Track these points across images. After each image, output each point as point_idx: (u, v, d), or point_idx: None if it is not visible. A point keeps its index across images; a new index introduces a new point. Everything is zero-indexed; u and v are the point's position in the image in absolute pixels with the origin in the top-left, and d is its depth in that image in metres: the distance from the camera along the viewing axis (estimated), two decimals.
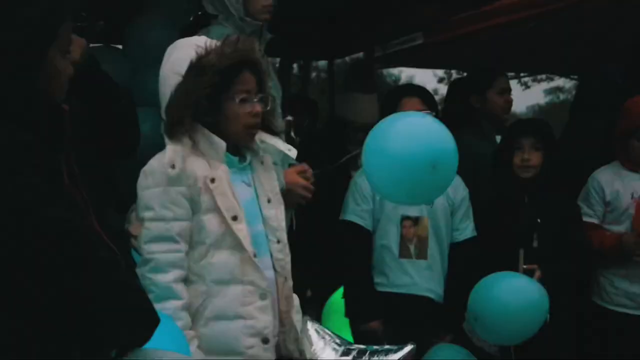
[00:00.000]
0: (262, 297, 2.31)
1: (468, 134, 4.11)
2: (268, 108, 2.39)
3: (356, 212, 3.38)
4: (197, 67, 2.29)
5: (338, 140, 4.30)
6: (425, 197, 2.83)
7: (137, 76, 3.67)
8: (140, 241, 2.31)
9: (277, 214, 2.43)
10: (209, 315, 2.27)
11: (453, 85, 5.16)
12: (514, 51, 5.86)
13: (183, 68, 2.33)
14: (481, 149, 3.79)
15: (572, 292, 3.45)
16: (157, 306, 1.94)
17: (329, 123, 4.53)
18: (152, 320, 1.60)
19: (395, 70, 20.04)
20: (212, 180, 2.29)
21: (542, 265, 3.26)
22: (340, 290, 3.51)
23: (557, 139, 3.64)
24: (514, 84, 14.82)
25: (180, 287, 2.26)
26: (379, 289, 3.37)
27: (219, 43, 2.34)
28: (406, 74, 22.63)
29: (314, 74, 13.21)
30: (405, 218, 3.34)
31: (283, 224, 2.45)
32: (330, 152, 4.15)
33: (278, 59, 6.93)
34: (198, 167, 2.31)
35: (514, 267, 3.25)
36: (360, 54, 6.26)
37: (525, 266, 3.37)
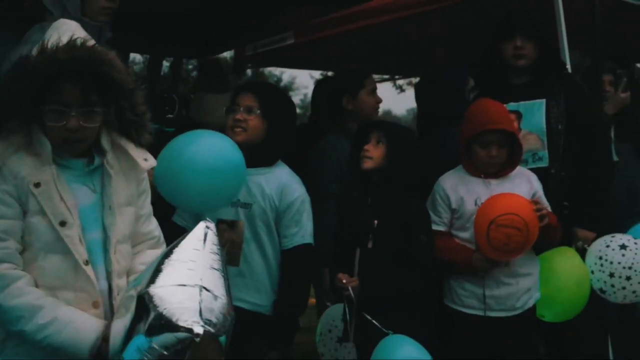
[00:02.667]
0: (95, 305, 2.22)
1: (334, 134, 4.11)
2: (96, 124, 2.25)
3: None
4: (20, 68, 2.16)
5: None
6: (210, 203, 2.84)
7: None
8: None
9: (118, 222, 2.31)
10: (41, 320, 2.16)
11: (319, 86, 5.17)
12: (385, 53, 5.94)
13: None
14: (346, 150, 3.77)
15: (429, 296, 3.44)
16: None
17: (181, 124, 4.41)
18: None
19: (277, 71, 20.02)
20: (37, 185, 2.18)
21: (379, 268, 3.24)
22: None
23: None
24: (388, 86, 15.13)
25: (15, 272, 2.16)
26: None
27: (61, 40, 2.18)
28: (288, 74, 22.57)
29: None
30: (220, 221, 3.18)
31: (127, 232, 2.35)
32: None
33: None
34: (24, 166, 2.19)
35: (352, 267, 3.24)
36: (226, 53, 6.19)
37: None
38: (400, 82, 14.56)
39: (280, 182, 3.21)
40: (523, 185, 3.49)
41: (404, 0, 4.85)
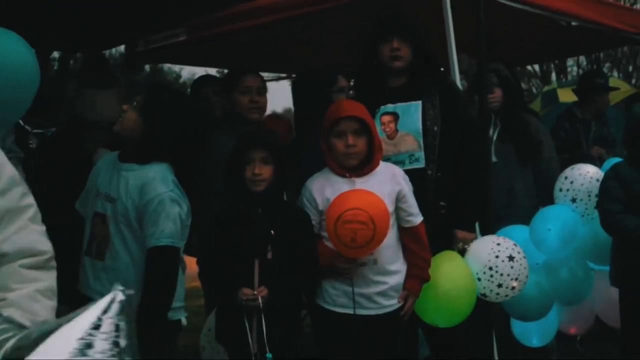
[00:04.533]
0: None
1: (220, 132, 4.06)
2: None
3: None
4: None
5: (74, 140, 4.09)
6: None
7: None
8: None
9: None
10: None
11: (194, 85, 5.16)
12: (280, 51, 5.94)
13: None
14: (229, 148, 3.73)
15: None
16: None
17: (66, 122, 4.29)
18: None
19: (177, 68, 19.78)
20: None
21: (281, 277, 3.25)
22: None
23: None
24: (286, 84, 15.13)
25: None
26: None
27: None
28: (188, 71, 22.33)
29: None
30: (95, 214, 3.19)
31: None
32: (66, 153, 3.94)
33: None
34: None
35: (250, 278, 3.22)
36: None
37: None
38: None
39: (144, 180, 3.13)
40: (388, 183, 3.49)
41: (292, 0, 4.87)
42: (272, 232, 3.25)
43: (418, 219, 3.55)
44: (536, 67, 17.15)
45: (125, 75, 6.09)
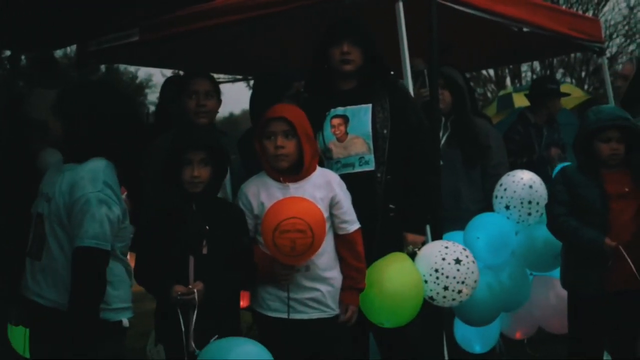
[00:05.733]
0: None
1: (163, 136, 3.99)
2: None
3: None
4: None
5: (21, 139, 4.02)
6: None
7: None
8: None
9: None
10: None
11: (163, 87, 5.10)
12: (235, 53, 5.91)
13: None
14: None
15: None
16: None
17: (12, 121, 4.22)
18: None
19: (132, 68, 19.62)
20: None
21: (215, 272, 3.27)
22: None
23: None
24: (242, 86, 15.06)
25: None
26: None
27: None
28: (144, 71, 22.13)
29: None
30: (37, 215, 3.17)
31: None
32: (11, 153, 3.88)
33: None
34: None
35: (185, 275, 3.24)
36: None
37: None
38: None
39: (75, 179, 3.08)
40: (321, 189, 3.52)
41: (251, 1, 4.84)
42: (207, 227, 3.26)
43: (353, 226, 3.57)
44: (491, 72, 17.35)
45: (78, 75, 5.99)
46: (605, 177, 4.08)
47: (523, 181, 4.49)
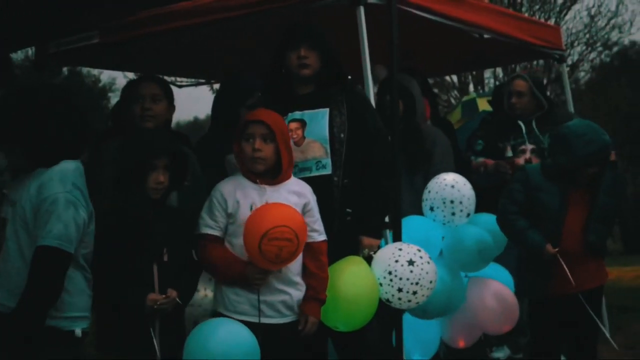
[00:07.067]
0: None
1: (109, 140, 3.97)
2: None
3: None
4: None
5: None
6: None
7: None
8: None
9: None
10: None
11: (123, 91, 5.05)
12: (195, 56, 5.87)
13: None
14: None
15: None
16: None
17: None
18: None
19: (95, 71, 19.40)
20: None
21: (176, 278, 3.32)
22: None
23: None
24: (205, 90, 15.01)
25: None
26: None
27: None
28: (108, 74, 21.89)
29: None
30: (2, 219, 3.14)
31: None
32: None
33: None
34: None
35: (150, 283, 3.25)
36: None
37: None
38: (217, 86, 14.52)
39: (42, 180, 3.05)
40: (296, 195, 3.55)
41: (213, 4, 4.81)
42: (169, 234, 3.31)
43: (321, 237, 3.61)
44: (454, 78, 17.46)
45: (37, 77, 5.90)
46: (570, 188, 4.13)
47: (446, 182, 4.49)
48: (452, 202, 4.44)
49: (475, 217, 4.58)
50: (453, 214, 4.46)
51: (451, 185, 4.47)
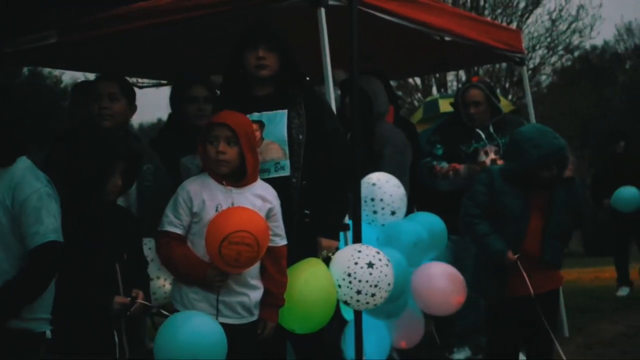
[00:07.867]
0: None
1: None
2: None
3: None
4: None
5: None
6: None
7: None
8: None
9: None
10: None
11: (72, 91, 5.03)
12: (155, 57, 5.81)
13: None
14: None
15: None
16: None
17: None
18: None
19: (57, 72, 19.15)
20: None
21: (135, 280, 3.37)
22: None
23: None
24: (167, 91, 14.87)
25: None
26: None
27: None
28: (70, 75, 21.62)
29: None
30: None
31: None
32: None
33: None
34: None
35: (115, 280, 3.28)
36: None
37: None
38: None
39: (13, 180, 3.00)
40: (260, 199, 3.54)
41: (173, 4, 4.76)
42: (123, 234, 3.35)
43: (283, 241, 3.61)
44: (418, 80, 17.57)
45: None
46: (531, 192, 4.15)
47: (368, 180, 4.48)
48: (372, 200, 4.44)
49: (414, 215, 4.65)
50: (375, 212, 4.46)
51: (372, 184, 4.47)
